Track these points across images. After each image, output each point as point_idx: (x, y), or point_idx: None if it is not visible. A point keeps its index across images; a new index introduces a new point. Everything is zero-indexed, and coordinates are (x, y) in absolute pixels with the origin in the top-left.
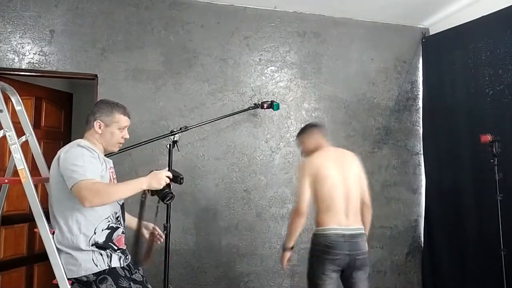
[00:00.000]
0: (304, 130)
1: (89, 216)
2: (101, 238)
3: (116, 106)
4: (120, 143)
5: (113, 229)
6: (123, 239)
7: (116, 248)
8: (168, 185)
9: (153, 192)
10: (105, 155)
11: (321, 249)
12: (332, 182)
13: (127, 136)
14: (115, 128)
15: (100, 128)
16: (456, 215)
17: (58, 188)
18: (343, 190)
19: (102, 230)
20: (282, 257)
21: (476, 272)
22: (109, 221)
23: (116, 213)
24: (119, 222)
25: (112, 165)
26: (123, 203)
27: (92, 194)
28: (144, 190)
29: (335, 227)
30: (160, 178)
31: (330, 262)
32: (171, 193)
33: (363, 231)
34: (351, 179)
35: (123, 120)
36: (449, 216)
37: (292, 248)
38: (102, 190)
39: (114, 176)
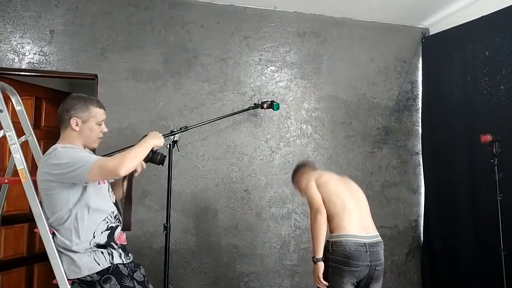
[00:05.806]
0: (296, 170)
1: (86, 221)
2: (102, 240)
3: (90, 100)
4: (100, 138)
5: (113, 229)
6: (124, 235)
7: (116, 246)
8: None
9: (147, 158)
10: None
11: (339, 259)
12: (334, 183)
13: (106, 130)
14: (93, 123)
15: (77, 125)
16: (456, 215)
17: (48, 195)
18: (348, 191)
19: (102, 232)
20: (316, 270)
21: (476, 272)
22: (107, 222)
23: (114, 212)
24: (117, 220)
25: None
26: (116, 201)
27: (117, 162)
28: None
29: (355, 234)
30: (159, 135)
31: (350, 274)
32: (162, 154)
33: (381, 239)
34: (356, 192)
35: (100, 113)
36: (449, 216)
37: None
38: (122, 157)
39: None
